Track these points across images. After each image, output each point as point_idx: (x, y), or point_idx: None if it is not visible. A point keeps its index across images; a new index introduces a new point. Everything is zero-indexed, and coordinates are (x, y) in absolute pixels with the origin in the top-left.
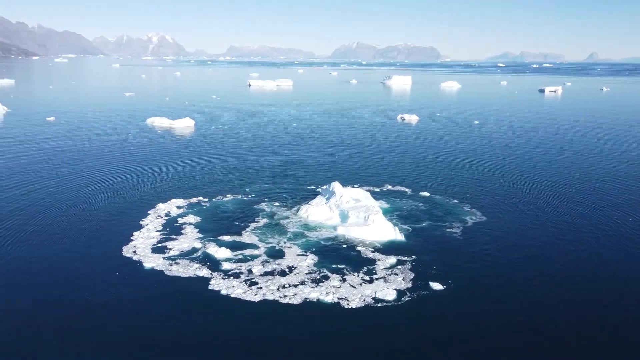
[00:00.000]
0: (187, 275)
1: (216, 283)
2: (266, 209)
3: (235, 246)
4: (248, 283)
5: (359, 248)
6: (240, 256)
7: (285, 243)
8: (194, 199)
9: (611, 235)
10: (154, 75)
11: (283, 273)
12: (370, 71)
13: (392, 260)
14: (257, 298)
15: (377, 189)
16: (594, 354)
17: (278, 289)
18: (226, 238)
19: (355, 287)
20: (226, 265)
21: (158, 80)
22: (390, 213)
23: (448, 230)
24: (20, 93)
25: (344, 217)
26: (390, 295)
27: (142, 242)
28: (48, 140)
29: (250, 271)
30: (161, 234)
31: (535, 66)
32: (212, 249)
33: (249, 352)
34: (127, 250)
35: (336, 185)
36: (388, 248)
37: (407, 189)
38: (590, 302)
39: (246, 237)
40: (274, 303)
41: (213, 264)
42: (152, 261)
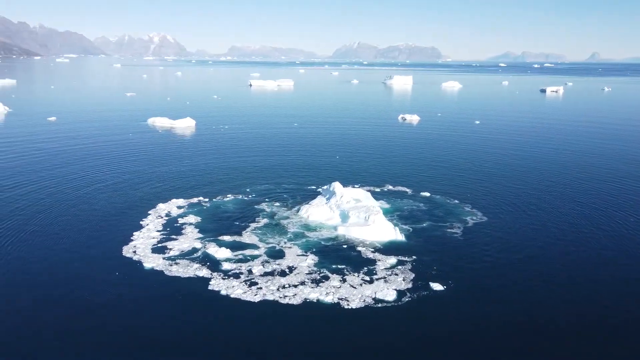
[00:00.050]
0: (187, 275)
1: (216, 283)
2: (266, 209)
3: (235, 246)
4: (248, 283)
5: (359, 248)
6: (240, 256)
7: (285, 243)
8: (195, 199)
9: (612, 235)
10: (155, 75)
11: (283, 273)
12: (371, 71)
13: (393, 260)
14: (257, 298)
15: (378, 189)
16: (595, 355)
17: (278, 289)
18: (226, 238)
19: (355, 288)
20: (226, 265)
21: (159, 80)
22: (390, 213)
23: (449, 230)
24: (21, 93)
25: (345, 217)
26: (390, 295)
27: (143, 242)
28: (49, 140)
29: (250, 271)
30: (161, 234)
31: (536, 66)
32: (212, 249)
33: (249, 352)
34: (127, 250)
35: (337, 185)
36: (388, 248)
37: (408, 189)
38: (591, 303)
39: (246, 237)
40: (274, 303)
41: (213, 264)
42: (152, 261)
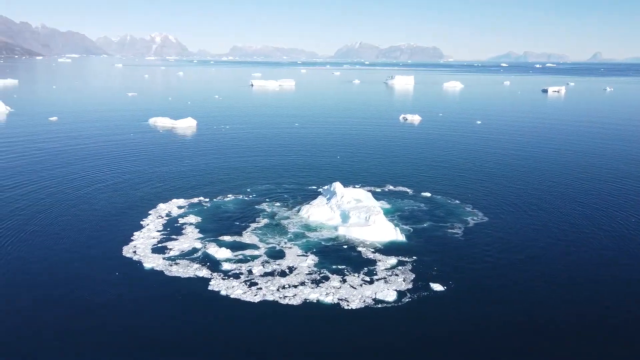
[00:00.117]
0: (187, 275)
1: (216, 283)
2: (267, 209)
3: (235, 246)
4: (248, 283)
5: (360, 248)
6: (240, 256)
7: (285, 243)
8: (195, 199)
9: (614, 236)
10: (157, 75)
11: (283, 273)
12: (373, 71)
13: (393, 260)
14: (257, 299)
15: (379, 189)
16: (595, 355)
17: (278, 290)
18: (227, 238)
19: (355, 288)
20: (226, 265)
21: (161, 80)
22: (391, 213)
23: (449, 230)
24: (23, 93)
25: (345, 218)
26: (390, 296)
27: (143, 242)
28: (50, 140)
29: (250, 272)
30: (162, 234)
31: (538, 66)
32: (213, 249)
33: (249, 353)
34: (128, 250)
35: (337, 185)
36: (389, 249)
37: (409, 190)
38: (592, 303)
39: (247, 238)
40: (274, 304)
41: (213, 264)
42: (152, 261)
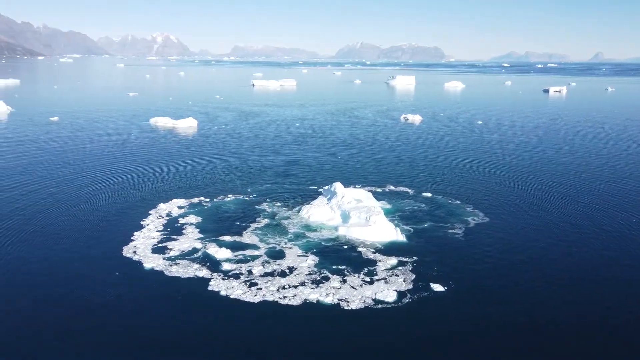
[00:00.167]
0: (187, 275)
1: (216, 284)
2: (267, 210)
3: (235, 247)
4: (248, 284)
5: (360, 249)
6: (240, 257)
7: (285, 244)
8: (196, 199)
9: (615, 236)
10: (158, 75)
11: (283, 274)
12: (374, 71)
13: (393, 261)
14: (257, 299)
15: (379, 190)
16: (596, 355)
17: (278, 290)
18: (227, 238)
19: (355, 288)
20: (226, 265)
21: (162, 80)
22: (391, 214)
23: (450, 231)
24: (25, 93)
25: (346, 218)
26: (390, 296)
27: (143, 242)
28: (51, 140)
29: (250, 272)
30: (162, 234)
31: (540, 66)
32: (213, 250)
33: (249, 353)
34: (128, 250)
35: (338, 185)
36: (389, 249)
37: (409, 190)
38: (593, 304)
39: (247, 238)
40: (274, 304)
41: (213, 265)
42: (152, 261)
